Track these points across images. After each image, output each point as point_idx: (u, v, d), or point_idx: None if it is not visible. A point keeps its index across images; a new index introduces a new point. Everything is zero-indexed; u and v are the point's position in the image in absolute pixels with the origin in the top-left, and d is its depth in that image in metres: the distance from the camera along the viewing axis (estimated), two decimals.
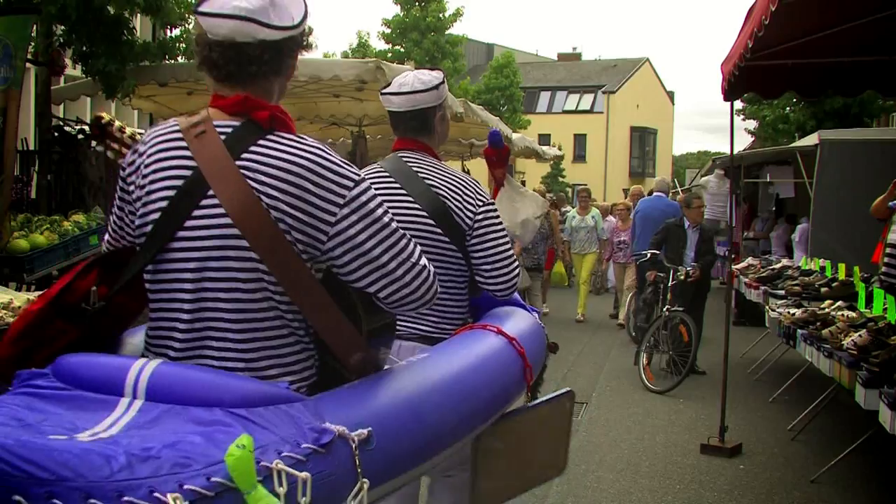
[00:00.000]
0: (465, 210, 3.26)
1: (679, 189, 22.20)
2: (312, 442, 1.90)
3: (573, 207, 15.57)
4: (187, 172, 2.20)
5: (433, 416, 2.38)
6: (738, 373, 9.69)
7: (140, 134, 3.03)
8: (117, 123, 3.26)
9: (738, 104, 27.37)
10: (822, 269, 9.19)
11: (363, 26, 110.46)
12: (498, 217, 3.33)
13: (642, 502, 5.67)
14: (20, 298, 7.27)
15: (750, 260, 12.14)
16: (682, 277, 9.44)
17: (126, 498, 1.55)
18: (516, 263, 3.16)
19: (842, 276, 8.41)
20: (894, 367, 4.85)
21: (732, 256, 9.16)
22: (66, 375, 2.05)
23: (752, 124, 31.83)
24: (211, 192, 2.17)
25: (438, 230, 3.21)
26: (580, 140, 57.31)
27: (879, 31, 6.50)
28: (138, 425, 1.89)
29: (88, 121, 15.45)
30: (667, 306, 9.45)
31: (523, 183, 15.65)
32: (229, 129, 2.23)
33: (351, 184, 2.24)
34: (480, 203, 3.29)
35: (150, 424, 1.89)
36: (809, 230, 12.19)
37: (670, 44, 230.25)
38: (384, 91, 3.45)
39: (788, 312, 7.45)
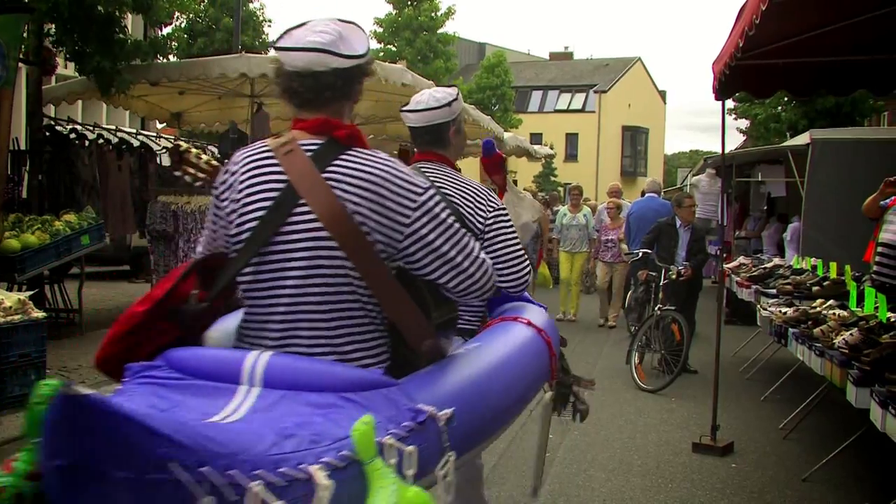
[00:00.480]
0: (477, 215, 3.59)
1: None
2: (411, 420, 2.26)
3: (564, 205, 15.38)
4: (280, 185, 2.54)
5: (496, 397, 2.80)
6: (730, 372, 9.71)
7: (216, 160, 3.57)
8: (194, 150, 3.54)
9: (730, 103, 27.29)
10: (814, 268, 9.21)
11: None
12: (508, 220, 3.63)
13: (634, 501, 5.67)
14: (11, 298, 7.26)
15: (741, 259, 12.16)
16: (673, 276, 9.45)
17: (281, 469, 1.83)
18: (527, 261, 3.40)
19: (833, 275, 8.42)
20: (885, 365, 4.86)
21: (724, 255, 9.18)
22: (180, 366, 2.34)
23: (743, 123, 31.90)
24: (303, 202, 2.50)
25: None
26: (572, 139, 57.34)
27: (871, 30, 6.51)
28: (260, 409, 2.15)
29: (80, 120, 15.47)
30: (659, 305, 9.46)
31: (515, 182, 15.63)
32: (314, 147, 2.59)
33: (420, 191, 2.61)
34: (491, 209, 3.61)
35: (271, 408, 2.15)
36: (801, 229, 12.21)
37: (662, 43, 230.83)
38: (403, 109, 3.78)
39: (780, 311, 7.46)
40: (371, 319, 2.59)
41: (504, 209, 3.68)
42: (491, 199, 3.65)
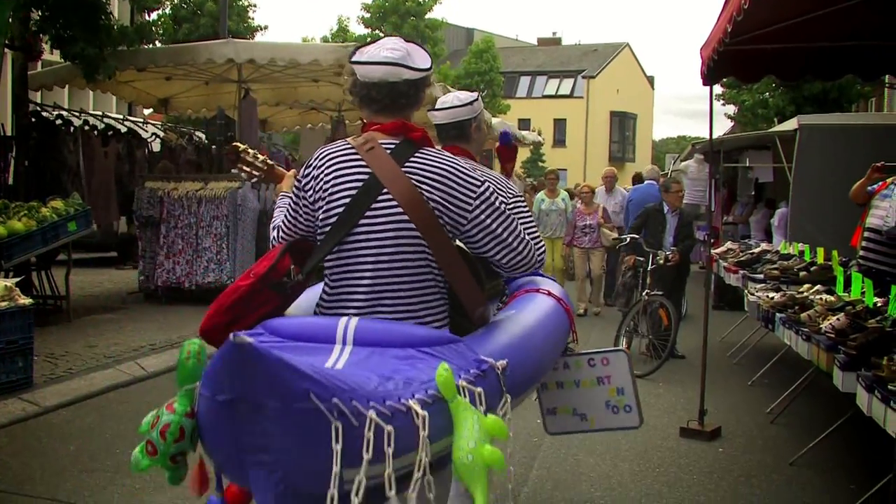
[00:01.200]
0: None
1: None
2: (476, 368, 2.78)
3: (541, 191, 14.97)
4: (364, 177, 3.00)
5: (536, 352, 3.40)
6: (718, 357, 9.74)
7: (271, 163, 4.13)
8: (251, 151, 4.14)
9: (718, 89, 27.44)
10: (801, 253, 9.23)
11: (343, 11, 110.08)
12: (525, 206, 4.08)
13: (622, 485, 5.69)
14: None
15: (729, 244, 12.18)
16: (661, 262, 9.46)
17: (388, 402, 2.31)
18: (542, 243, 3.63)
19: (820, 260, 8.45)
20: (872, 350, 4.88)
21: (712, 241, 9.19)
22: (280, 333, 2.83)
23: (731, 109, 31.97)
24: (385, 191, 2.97)
25: None
26: (560, 125, 57.37)
27: (858, 16, 6.52)
28: (354, 363, 2.61)
29: (66, 106, 15.40)
30: (646, 290, 9.47)
31: None
32: (392, 146, 3.06)
33: (479, 183, 3.11)
34: (510, 195, 4.07)
35: (364, 361, 2.62)
36: (788, 214, 12.25)
37: (650, 29, 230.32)
38: (430, 110, 4.25)
39: (767, 296, 7.47)
40: (440, 289, 3.10)
41: (521, 196, 4.17)
42: (510, 187, 4.15)
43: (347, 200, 3.00)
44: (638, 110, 60.69)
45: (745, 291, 8.67)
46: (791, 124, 12.93)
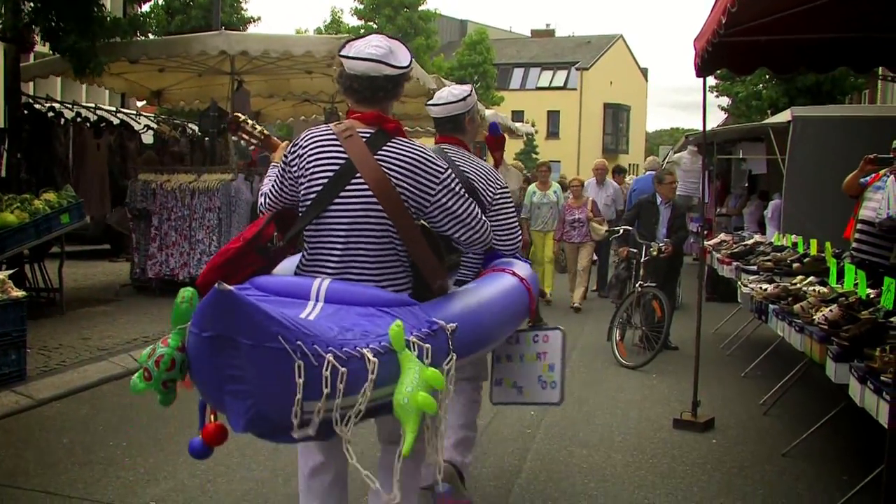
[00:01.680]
0: (487, 190, 4.59)
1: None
2: (428, 328, 3.23)
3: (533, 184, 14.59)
4: (342, 161, 3.47)
5: (485, 322, 3.78)
6: (711, 348, 9.75)
7: (267, 133, 4.64)
8: (251, 122, 4.66)
9: (712, 81, 27.46)
10: (795, 244, 9.24)
11: (336, 2, 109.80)
12: (509, 197, 4.57)
13: (615, 477, 5.70)
14: None
15: (722, 236, 12.20)
16: (654, 253, 9.46)
17: (345, 349, 2.79)
18: (520, 230, 4.28)
19: (814, 251, 8.46)
20: (865, 341, 4.89)
21: (705, 232, 9.19)
22: (264, 288, 3.36)
23: (725, 101, 31.94)
24: (358, 175, 3.44)
25: None
26: (553, 117, 57.35)
27: (852, 7, 6.51)
28: (324, 316, 3.07)
29: (59, 98, 15.36)
30: (639, 282, 9.47)
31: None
32: (368, 134, 3.51)
33: (442, 170, 3.59)
34: (497, 186, 4.62)
35: (332, 316, 3.08)
36: (782, 206, 12.25)
37: (644, 21, 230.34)
38: (427, 104, 4.82)
39: (760, 288, 7.49)
40: (401, 262, 3.56)
41: (507, 188, 4.65)
42: (497, 178, 4.63)
43: (325, 181, 3.48)
44: (631, 102, 60.71)
45: (739, 283, 8.68)
46: (784, 116, 12.93)
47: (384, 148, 3.50)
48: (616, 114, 59.55)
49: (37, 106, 13.02)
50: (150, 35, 14.11)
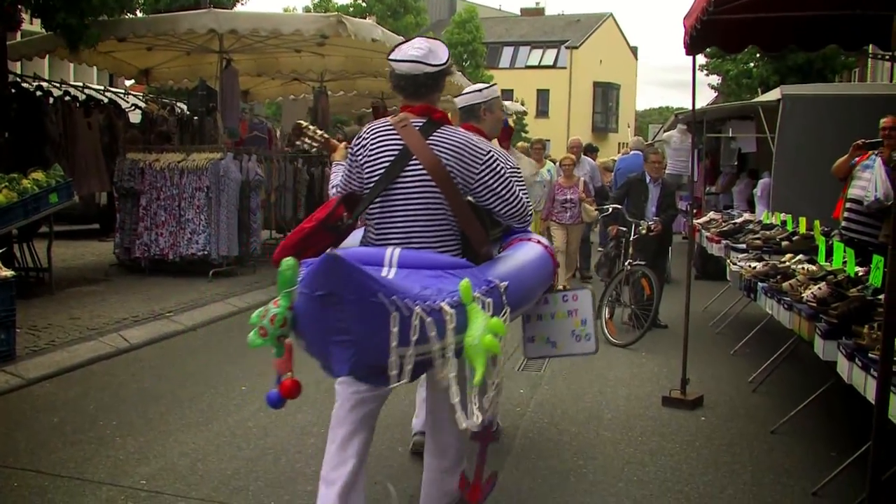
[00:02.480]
0: None
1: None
2: (486, 286, 3.72)
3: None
4: (399, 147, 4.03)
5: (528, 281, 4.32)
6: (700, 326, 9.78)
7: (327, 136, 5.19)
8: (311, 127, 5.20)
9: (701, 59, 27.43)
10: (784, 223, 9.27)
11: None
12: (521, 176, 4.85)
13: (604, 454, 5.72)
14: None
15: (712, 214, 12.20)
16: (643, 231, 9.46)
17: (427, 303, 3.28)
18: (530, 205, 4.50)
19: (802, 229, 8.48)
20: (853, 319, 4.91)
21: (694, 211, 9.21)
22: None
23: (715, 80, 31.94)
24: (414, 158, 3.99)
25: None
26: (543, 95, 57.22)
27: None
28: (401, 279, 3.50)
29: (47, 77, 15.26)
30: (629, 260, 9.48)
31: None
32: (419, 124, 4.08)
33: (485, 153, 4.12)
34: (509, 166, 4.72)
35: (405, 278, 3.52)
36: (771, 185, 12.29)
37: None
38: (453, 96, 5.43)
39: (749, 266, 7.50)
40: (454, 232, 4.11)
41: (518, 168, 4.96)
42: (508, 159, 4.85)
43: (387, 164, 4.04)
44: (621, 81, 60.59)
45: (728, 261, 8.69)
46: (774, 94, 12.94)
47: (434, 135, 4.05)
48: (606, 92, 59.44)
49: (24, 85, 12.93)
50: (138, 13, 14.02)
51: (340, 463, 4.10)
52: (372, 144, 4.12)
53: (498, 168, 4.15)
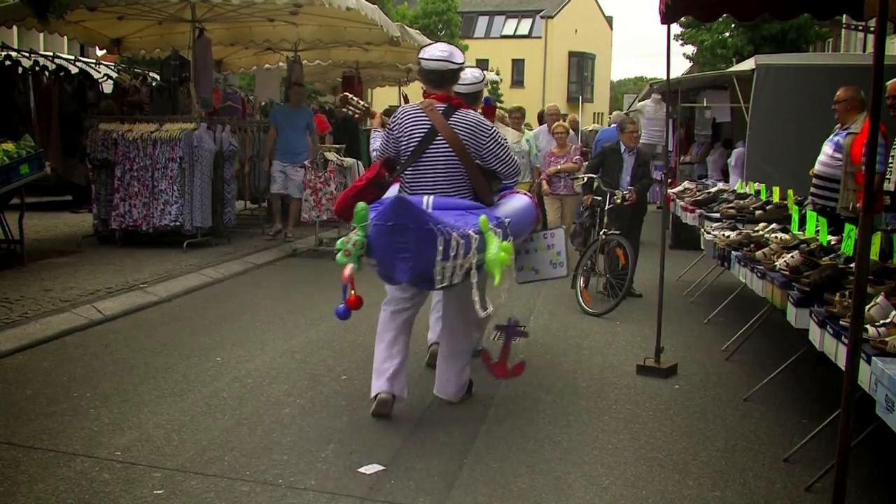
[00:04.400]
0: None
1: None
2: (496, 221, 5.31)
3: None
4: (427, 126, 5.55)
5: (522, 219, 5.95)
6: (674, 295, 9.84)
7: (367, 105, 6.90)
8: (354, 98, 6.81)
9: (676, 29, 27.43)
10: (757, 192, 9.31)
11: None
12: (509, 145, 6.00)
13: (579, 423, 5.75)
14: None
15: (686, 184, 12.24)
16: (618, 201, 9.45)
17: (460, 230, 4.89)
18: (518, 164, 5.95)
19: (776, 199, 8.52)
20: (825, 287, 4.94)
21: (669, 180, 9.22)
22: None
23: (690, 50, 31.94)
24: (439, 135, 5.51)
25: None
26: (518, 65, 57.14)
27: None
28: (437, 215, 5.01)
29: (16, 47, 15.08)
30: (603, 230, 9.49)
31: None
32: (442, 108, 5.57)
33: (490, 128, 5.65)
34: (501, 137, 5.97)
35: (441, 215, 5.02)
36: (745, 154, 12.33)
37: None
38: (457, 84, 6.03)
39: (723, 235, 7.53)
40: (468, 187, 5.64)
41: (506, 138, 6.22)
42: (497, 132, 5.95)
43: (419, 139, 5.56)
44: (596, 51, 60.51)
45: (702, 230, 8.73)
46: (748, 64, 12.96)
47: (453, 117, 5.57)
48: (581, 62, 59.36)
49: None
50: None
51: (388, 357, 5.64)
52: (405, 123, 5.62)
53: (499, 139, 5.67)
